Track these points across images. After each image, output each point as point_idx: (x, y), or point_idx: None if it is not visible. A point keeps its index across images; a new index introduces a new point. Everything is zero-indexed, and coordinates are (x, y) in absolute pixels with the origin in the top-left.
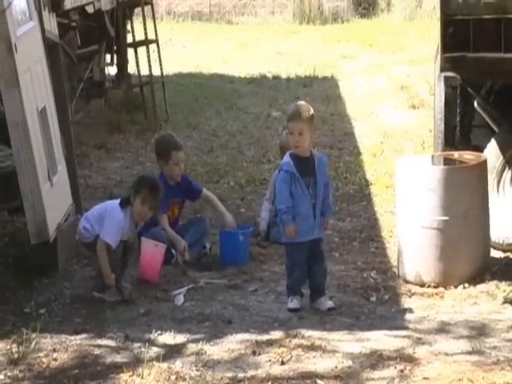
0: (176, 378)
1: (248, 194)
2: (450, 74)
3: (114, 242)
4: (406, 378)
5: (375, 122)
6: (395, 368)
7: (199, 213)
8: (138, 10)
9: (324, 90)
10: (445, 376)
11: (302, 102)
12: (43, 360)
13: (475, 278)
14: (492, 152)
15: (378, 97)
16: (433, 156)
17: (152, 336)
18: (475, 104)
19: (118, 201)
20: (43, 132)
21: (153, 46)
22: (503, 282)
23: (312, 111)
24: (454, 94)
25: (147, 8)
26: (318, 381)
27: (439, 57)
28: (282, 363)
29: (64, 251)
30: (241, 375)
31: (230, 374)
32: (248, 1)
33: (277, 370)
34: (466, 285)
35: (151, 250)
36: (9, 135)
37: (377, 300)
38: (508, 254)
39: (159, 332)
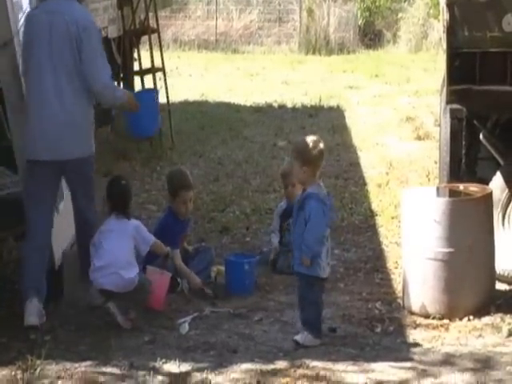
0: None
1: (253, 223)
2: (455, 106)
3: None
4: None
5: (381, 153)
6: None
7: (204, 241)
8: (144, 38)
9: (330, 120)
10: None
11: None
12: None
13: (480, 311)
14: (497, 185)
15: (384, 127)
16: (438, 188)
17: (157, 364)
18: (481, 136)
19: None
20: None
21: (159, 74)
22: (508, 315)
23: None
24: (460, 126)
25: (154, 36)
26: None
27: (445, 89)
28: None
29: (69, 278)
30: None
31: None
32: (254, 30)
33: None
34: (471, 317)
35: (156, 278)
36: (15, 161)
37: (382, 331)
38: None
39: (164, 360)
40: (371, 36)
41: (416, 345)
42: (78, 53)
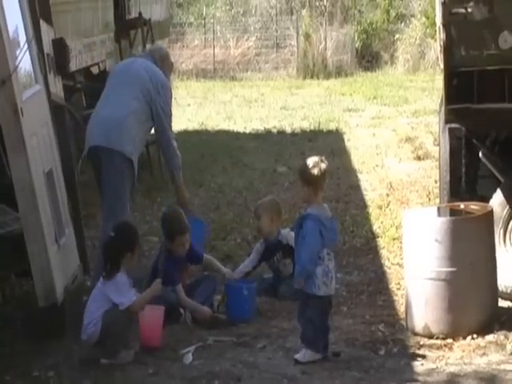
0: None
1: None
2: (454, 125)
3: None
4: None
5: (381, 175)
6: None
7: (206, 270)
8: None
9: (329, 143)
10: None
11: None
12: None
13: (484, 329)
14: (498, 202)
15: (383, 149)
16: (439, 207)
17: None
18: (480, 155)
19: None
20: (50, 195)
21: None
22: None
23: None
24: (459, 145)
25: None
26: None
27: (443, 108)
28: None
29: (72, 313)
30: None
31: None
32: (252, 57)
33: None
34: (475, 335)
35: (148, 315)
36: (15, 199)
37: (386, 353)
38: None
39: None
40: (369, 58)
41: (420, 365)
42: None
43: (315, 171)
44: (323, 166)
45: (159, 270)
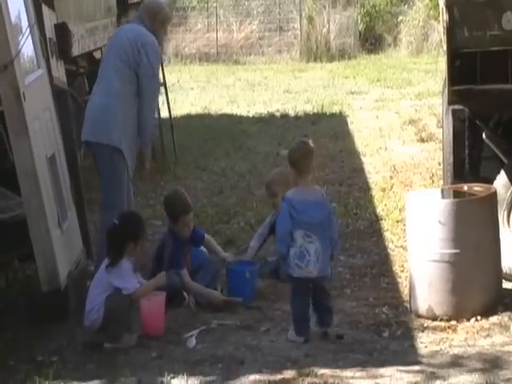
0: None
1: None
2: (457, 106)
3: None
4: None
5: (384, 157)
6: None
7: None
8: None
9: (332, 126)
10: None
11: None
12: None
13: (487, 311)
14: (501, 183)
15: (387, 131)
16: (442, 189)
17: (165, 379)
18: (484, 136)
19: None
20: (53, 179)
21: (161, 89)
22: None
23: None
24: (463, 126)
25: None
26: None
27: (447, 90)
28: None
29: (75, 298)
30: None
31: None
32: (255, 40)
33: None
34: (479, 317)
35: (149, 303)
36: (18, 183)
37: (389, 336)
38: None
39: (172, 375)
40: (372, 41)
41: (424, 347)
42: None
43: (297, 154)
44: (306, 148)
45: (164, 258)
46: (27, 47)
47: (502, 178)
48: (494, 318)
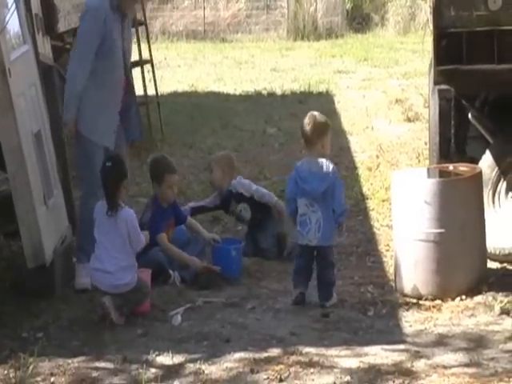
0: None
1: None
2: (443, 86)
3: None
4: None
5: (371, 136)
6: (393, 382)
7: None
8: (132, 30)
9: (319, 105)
10: None
11: None
12: None
13: (472, 290)
14: (487, 163)
15: (373, 111)
16: (428, 169)
17: (150, 357)
18: (470, 116)
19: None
20: (38, 156)
21: (147, 67)
22: (500, 293)
23: None
24: (449, 106)
25: (141, 28)
26: None
27: (433, 70)
28: (281, 380)
29: (61, 274)
30: None
31: None
32: (242, 18)
33: None
34: (464, 297)
35: None
36: (4, 160)
37: (374, 314)
38: (504, 264)
39: (157, 353)
40: (359, 20)
41: (409, 326)
42: None
43: (305, 127)
44: (312, 121)
45: (144, 222)
46: (13, 22)
47: (487, 158)
48: (478, 298)
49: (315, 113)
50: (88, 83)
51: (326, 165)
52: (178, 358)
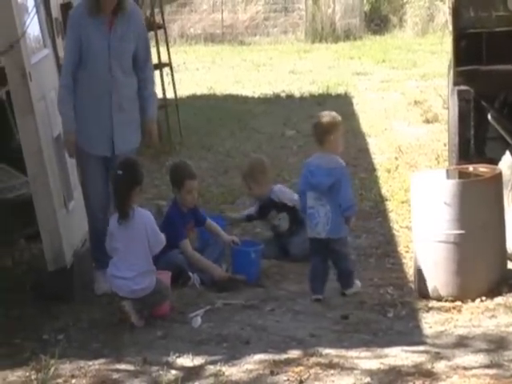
0: None
1: None
2: (463, 87)
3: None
4: None
5: (389, 138)
6: None
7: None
8: (150, 33)
9: (338, 107)
10: None
11: None
12: None
13: (492, 291)
14: (507, 164)
15: (392, 112)
16: (447, 170)
17: (170, 359)
18: (489, 117)
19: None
20: (58, 159)
21: (166, 70)
22: None
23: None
24: (468, 107)
25: (160, 32)
26: None
27: (452, 71)
28: (301, 382)
29: (81, 277)
30: None
31: None
32: (260, 21)
33: None
34: (484, 298)
35: None
36: (25, 163)
37: (394, 316)
38: None
39: (177, 354)
40: (377, 21)
41: (429, 328)
42: None
43: (313, 125)
44: (323, 121)
45: (167, 222)
46: (33, 27)
47: (507, 159)
48: (498, 299)
49: (326, 112)
50: (76, 92)
51: (334, 161)
52: (198, 360)
